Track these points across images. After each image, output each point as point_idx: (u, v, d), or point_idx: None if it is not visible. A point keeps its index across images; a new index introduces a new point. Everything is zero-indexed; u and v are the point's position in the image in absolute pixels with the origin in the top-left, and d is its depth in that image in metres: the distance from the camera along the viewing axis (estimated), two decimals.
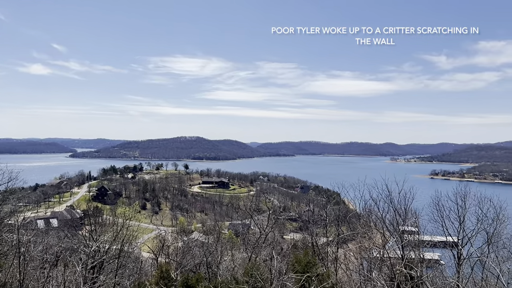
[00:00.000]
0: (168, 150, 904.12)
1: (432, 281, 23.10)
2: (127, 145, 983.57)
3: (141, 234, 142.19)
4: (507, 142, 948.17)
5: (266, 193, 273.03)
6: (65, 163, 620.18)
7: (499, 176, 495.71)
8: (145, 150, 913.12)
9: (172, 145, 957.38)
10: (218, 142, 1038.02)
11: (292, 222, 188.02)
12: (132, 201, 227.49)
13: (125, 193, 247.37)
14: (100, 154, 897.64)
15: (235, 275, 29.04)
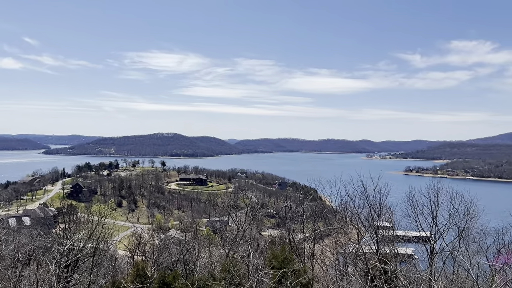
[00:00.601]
0: (144, 147, 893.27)
1: (405, 275, 23.64)
2: (103, 141, 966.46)
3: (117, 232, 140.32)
4: (478, 139, 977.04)
5: (244, 190, 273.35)
6: (38, 160, 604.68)
7: (470, 172, 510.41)
8: (121, 147, 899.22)
9: (148, 142, 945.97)
10: (195, 139, 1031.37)
11: (270, 219, 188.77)
12: (108, 198, 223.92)
13: (100, 190, 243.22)
14: (75, 150, 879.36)
15: (212, 272, 29.00)
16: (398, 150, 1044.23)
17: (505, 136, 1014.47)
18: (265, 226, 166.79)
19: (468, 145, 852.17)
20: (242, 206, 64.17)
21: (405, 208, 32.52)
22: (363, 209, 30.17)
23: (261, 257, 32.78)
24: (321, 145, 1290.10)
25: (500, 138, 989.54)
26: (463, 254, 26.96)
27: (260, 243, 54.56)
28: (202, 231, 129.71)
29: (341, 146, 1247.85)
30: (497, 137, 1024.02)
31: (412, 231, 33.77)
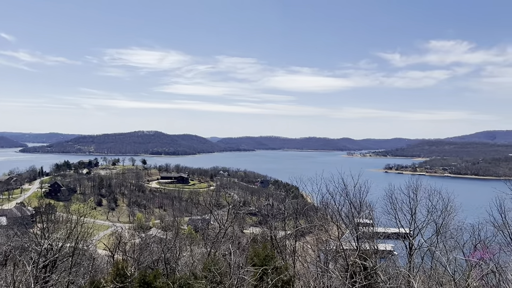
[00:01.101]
0: (125, 145, 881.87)
1: (385, 271, 24.02)
2: (82, 139, 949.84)
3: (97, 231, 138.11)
4: (455, 137, 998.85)
5: (226, 188, 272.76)
6: (14, 158, 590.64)
7: (448, 170, 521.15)
8: (101, 145, 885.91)
9: (129, 140, 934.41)
10: (177, 137, 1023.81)
11: (252, 217, 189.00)
12: (87, 197, 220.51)
13: (79, 189, 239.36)
14: (53, 149, 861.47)
15: (194, 271, 28.88)
16: (378, 148, 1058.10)
17: (482, 134, 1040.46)
18: (247, 224, 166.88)
19: (446, 143, 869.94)
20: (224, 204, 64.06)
21: (385, 205, 33.06)
22: (344, 206, 30.52)
23: (243, 255, 32.85)
24: (303, 143, 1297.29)
25: (477, 136, 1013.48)
26: (440, 250, 27.55)
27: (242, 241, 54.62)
28: (184, 230, 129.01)
29: (323, 144, 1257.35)
30: (474, 135, 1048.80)
31: (391, 227, 34.33)
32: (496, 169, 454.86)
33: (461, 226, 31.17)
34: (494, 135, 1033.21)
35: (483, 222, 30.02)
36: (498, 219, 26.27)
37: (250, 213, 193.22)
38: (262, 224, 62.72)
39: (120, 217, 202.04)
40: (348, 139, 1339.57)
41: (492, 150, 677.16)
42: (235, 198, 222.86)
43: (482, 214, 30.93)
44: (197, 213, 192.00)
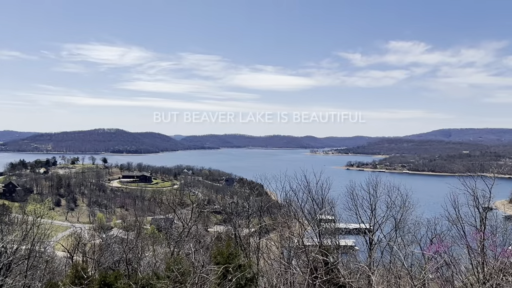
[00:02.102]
0: (85, 143, 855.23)
1: (346, 266, 24.61)
2: (39, 137, 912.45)
3: (55, 233, 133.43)
4: (413, 135, 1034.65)
5: (190, 187, 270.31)
6: None
7: (406, 166, 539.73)
8: (59, 143, 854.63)
9: (89, 138, 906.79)
10: (139, 135, 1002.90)
11: (216, 215, 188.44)
12: (45, 197, 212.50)
13: (36, 189, 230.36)
14: (8, 147, 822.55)
15: (156, 271, 28.46)
16: (340, 145, 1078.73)
17: (438, 132, 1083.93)
18: (212, 223, 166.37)
19: (405, 141, 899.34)
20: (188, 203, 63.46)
21: (346, 202, 33.87)
22: (306, 203, 31.02)
23: (206, 253, 32.69)
24: (267, 141, 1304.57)
25: (433, 134, 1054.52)
26: (399, 244, 28.52)
27: (206, 239, 54.31)
28: (147, 230, 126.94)
29: (287, 142, 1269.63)
30: (431, 133, 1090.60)
31: (352, 223, 35.21)
32: (451, 165, 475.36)
33: (418, 221, 32.33)
34: (449, 133, 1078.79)
35: (439, 217, 31.19)
36: (452, 214, 27.35)
37: (214, 211, 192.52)
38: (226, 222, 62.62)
39: (80, 218, 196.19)
40: (312, 137, 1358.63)
41: (448, 148, 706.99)
42: (200, 196, 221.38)
43: (438, 209, 32.09)
44: (160, 213, 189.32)
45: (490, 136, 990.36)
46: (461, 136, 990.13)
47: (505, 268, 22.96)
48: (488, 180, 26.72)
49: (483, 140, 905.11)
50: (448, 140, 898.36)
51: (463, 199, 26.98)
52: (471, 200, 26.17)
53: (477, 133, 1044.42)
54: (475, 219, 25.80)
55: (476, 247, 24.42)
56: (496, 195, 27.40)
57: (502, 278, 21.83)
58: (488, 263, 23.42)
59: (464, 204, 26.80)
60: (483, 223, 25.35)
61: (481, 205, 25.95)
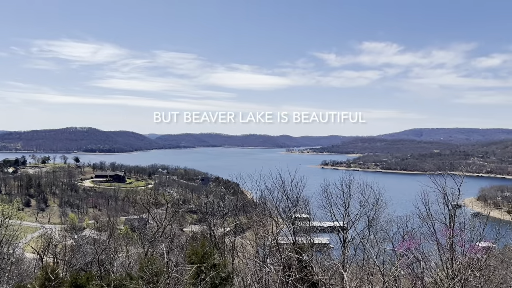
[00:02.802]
0: (56, 142, 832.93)
1: (320, 264, 24.86)
2: (7, 136, 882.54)
3: (24, 234, 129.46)
4: (386, 134, 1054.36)
5: (165, 186, 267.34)
6: None
7: (379, 165, 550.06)
8: (29, 142, 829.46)
9: (60, 137, 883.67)
10: (113, 134, 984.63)
11: (192, 214, 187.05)
12: (13, 198, 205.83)
13: (5, 189, 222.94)
14: None
15: (129, 271, 28.02)
16: (315, 145, 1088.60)
17: (409, 132, 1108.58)
18: (187, 222, 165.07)
19: (378, 140, 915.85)
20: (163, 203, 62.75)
21: (321, 200, 34.21)
22: (281, 201, 31.18)
23: (181, 253, 32.40)
24: (243, 140, 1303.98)
25: (405, 134, 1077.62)
26: (371, 242, 29.01)
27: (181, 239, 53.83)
28: (120, 230, 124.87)
29: (263, 141, 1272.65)
30: (403, 132, 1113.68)
31: (327, 221, 35.58)
32: (422, 164, 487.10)
33: (391, 219, 32.99)
34: (420, 132, 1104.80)
35: (410, 214, 31.84)
36: (423, 211, 27.92)
37: (190, 211, 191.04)
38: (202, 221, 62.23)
39: (50, 218, 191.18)
40: (287, 136, 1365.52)
41: (419, 147, 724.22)
42: (174, 196, 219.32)
43: (410, 207, 32.76)
44: (134, 213, 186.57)
45: (459, 135, 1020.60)
46: (432, 136, 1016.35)
47: (473, 263, 23.70)
48: (457, 179, 27.47)
49: (453, 139, 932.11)
50: (419, 139, 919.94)
51: (433, 197, 27.60)
52: (441, 198, 26.84)
53: (447, 132, 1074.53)
54: (444, 216, 26.47)
55: (446, 244, 25.09)
56: (464, 193, 28.19)
57: (470, 273, 22.53)
58: (457, 259, 24.13)
59: (434, 202, 27.42)
60: (452, 220, 26.03)
61: (450, 202, 26.63)
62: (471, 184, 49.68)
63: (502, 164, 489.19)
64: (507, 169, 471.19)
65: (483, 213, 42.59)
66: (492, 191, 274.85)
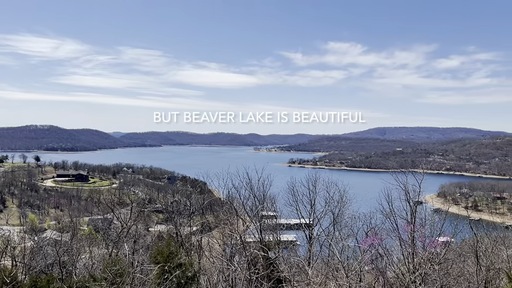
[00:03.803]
0: (15, 141, 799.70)
1: (286, 261, 25.08)
2: None
3: None
4: (351, 133, 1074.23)
5: (130, 186, 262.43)
6: None
7: (345, 163, 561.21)
8: None
9: (19, 135, 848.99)
10: (75, 132, 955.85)
11: (158, 214, 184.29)
12: None
13: None
14: None
15: (93, 273, 27.30)
16: (282, 143, 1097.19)
17: (373, 131, 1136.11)
18: (153, 222, 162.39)
19: (343, 139, 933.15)
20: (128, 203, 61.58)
21: (287, 198, 34.54)
22: (248, 200, 31.24)
23: (147, 253, 31.89)
24: (211, 139, 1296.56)
25: (369, 133, 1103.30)
26: (336, 238, 29.55)
27: (146, 239, 52.99)
28: (83, 230, 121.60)
29: (231, 140, 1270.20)
30: (367, 131, 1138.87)
31: (293, 218, 35.98)
32: (386, 162, 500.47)
33: (355, 215, 33.69)
34: (384, 131, 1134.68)
35: (374, 211, 32.64)
36: (386, 208, 28.63)
37: (156, 210, 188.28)
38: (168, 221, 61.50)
39: (9, 220, 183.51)
40: (255, 134, 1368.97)
41: (383, 145, 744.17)
42: (140, 195, 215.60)
43: (373, 204, 33.54)
44: (98, 213, 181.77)
45: (420, 134, 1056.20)
46: (395, 134, 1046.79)
47: (433, 257, 24.59)
48: (418, 176, 28.37)
49: (414, 138, 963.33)
50: (383, 138, 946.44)
51: (396, 194, 28.36)
52: (403, 194, 27.62)
53: (409, 131, 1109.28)
54: (406, 212, 27.27)
55: (407, 239, 25.89)
56: (425, 190, 29.14)
57: (430, 267, 23.37)
58: (418, 253, 24.94)
59: (397, 199, 28.19)
60: (414, 216, 26.86)
61: (411, 199, 27.45)
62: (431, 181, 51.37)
63: (461, 161, 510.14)
64: (465, 167, 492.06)
65: (443, 209, 44.35)
66: (451, 187, 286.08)
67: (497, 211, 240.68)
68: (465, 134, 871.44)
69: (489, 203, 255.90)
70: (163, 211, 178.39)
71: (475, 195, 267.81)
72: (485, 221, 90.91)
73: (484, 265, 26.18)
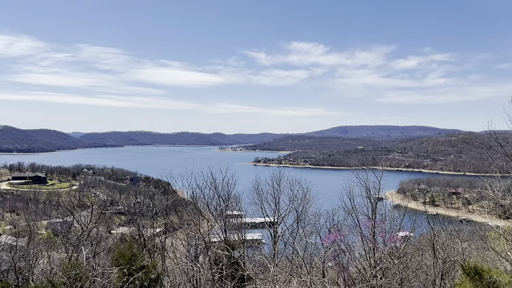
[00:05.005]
0: None
1: (251, 259, 25.15)
2: None
3: None
4: (314, 132, 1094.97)
5: (91, 187, 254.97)
6: None
7: (308, 161, 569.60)
8: None
9: None
10: (32, 132, 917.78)
11: (120, 216, 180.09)
12: None
13: None
14: None
15: (51, 278, 26.34)
16: (248, 142, 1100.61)
17: (336, 130, 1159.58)
18: (115, 224, 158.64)
19: (307, 137, 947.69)
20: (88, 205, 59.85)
21: (252, 196, 34.65)
22: (213, 199, 31.08)
23: (108, 256, 31.09)
24: (175, 138, 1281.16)
25: (332, 131, 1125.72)
26: (300, 235, 29.91)
27: (108, 242, 51.69)
28: (42, 235, 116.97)
29: (195, 139, 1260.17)
30: (330, 130, 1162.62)
31: (258, 217, 36.14)
32: (348, 160, 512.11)
33: (318, 212, 34.20)
34: (346, 130, 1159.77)
35: (336, 208, 33.23)
36: (348, 204, 29.24)
37: (118, 212, 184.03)
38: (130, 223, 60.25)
39: None
40: (220, 134, 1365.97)
41: (345, 143, 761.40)
42: (101, 197, 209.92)
43: (336, 201, 34.14)
44: (57, 216, 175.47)
45: (381, 132, 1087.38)
46: (356, 133, 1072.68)
47: (393, 252, 25.38)
48: (378, 173, 29.14)
49: (375, 136, 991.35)
50: (345, 136, 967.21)
51: (357, 191, 29.00)
52: (364, 191, 28.30)
53: (370, 130, 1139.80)
54: (367, 209, 27.96)
55: (368, 235, 26.56)
56: (385, 186, 29.97)
57: (390, 261, 24.10)
58: (378, 248, 25.65)
59: (358, 195, 28.83)
60: (374, 212, 27.58)
61: (372, 195, 28.17)
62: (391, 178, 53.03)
63: (419, 158, 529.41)
64: (423, 163, 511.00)
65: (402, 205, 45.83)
66: (410, 184, 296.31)
67: (453, 205, 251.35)
68: (422, 132, 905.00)
69: (445, 198, 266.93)
70: (126, 212, 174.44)
71: (433, 190, 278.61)
72: (441, 216, 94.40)
73: (441, 257, 27.29)
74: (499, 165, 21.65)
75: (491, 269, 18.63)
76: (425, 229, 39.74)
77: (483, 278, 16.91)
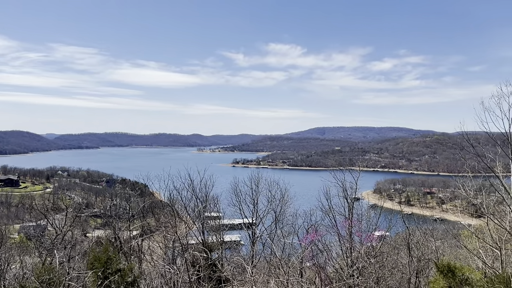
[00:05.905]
0: None
1: (229, 261, 25.07)
2: None
3: None
4: (292, 133, 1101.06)
5: (65, 190, 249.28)
6: None
7: (287, 162, 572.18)
8: None
9: None
10: (4, 133, 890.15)
11: (96, 219, 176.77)
12: None
13: None
14: None
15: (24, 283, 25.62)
16: (226, 143, 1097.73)
17: (313, 131, 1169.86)
18: (91, 227, 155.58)
19: (285, 139, 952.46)
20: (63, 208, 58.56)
21: (230, 198, 34.54)
22: (191, 201, 30.83)
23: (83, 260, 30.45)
24: (152, 140, 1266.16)
25: (310, 132, 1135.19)
26: (278, 236, 30.00)
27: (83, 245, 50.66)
28: (14, 239, 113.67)
29: (173, 140, 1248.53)
30: (307, 131, 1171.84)
31: (237, 218, 36.05)
32: (325, 160, 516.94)
33: (296, 213, 34.42)
34: (323, 131, 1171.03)
35: (314, 208, 33.50)
36: (326, 205, 29.51)
37: (94, 215, 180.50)
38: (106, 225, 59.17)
39: None
40: (198, 135, 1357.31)
41: (322, 144, 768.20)
42: (76, 200, 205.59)
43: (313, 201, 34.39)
44: (30, 219, 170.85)
45: (357, 133, 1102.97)
46: (333, 134, 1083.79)
47: (369, 251, 25.76)
48: (355, 173, 29.52)
49: (352, 137, 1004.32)
50: (322, 137, 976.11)
51: (334, 191, 29.29)
52: (341, 191, 28.62)
53: (347, 131, 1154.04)
54: (344, 209, 28.29)
55: (345, 234, 26.87)
56: (362, 187, 30.38)
57: (367, 260, 24.45)
58: (355, 248, 25.99)
59: (335, 196, 29.11)
60: (351, 212, 27.93)
61: (349, 196, 28.52)
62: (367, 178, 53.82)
63: (394, 159, 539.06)
64: (398, 164, 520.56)
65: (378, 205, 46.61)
66: (386, 184, 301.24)
67: (427, 205, 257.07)
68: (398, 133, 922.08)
69: (420, 198, 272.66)
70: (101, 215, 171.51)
71: (408, 190, 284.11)
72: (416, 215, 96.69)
73: (416, 256, 27.85)
74: (471, 165, 22.27)
75: (464, 266, 19.16)
76: (401, 229, 40.51)
77: (456, 275, 17.36)
